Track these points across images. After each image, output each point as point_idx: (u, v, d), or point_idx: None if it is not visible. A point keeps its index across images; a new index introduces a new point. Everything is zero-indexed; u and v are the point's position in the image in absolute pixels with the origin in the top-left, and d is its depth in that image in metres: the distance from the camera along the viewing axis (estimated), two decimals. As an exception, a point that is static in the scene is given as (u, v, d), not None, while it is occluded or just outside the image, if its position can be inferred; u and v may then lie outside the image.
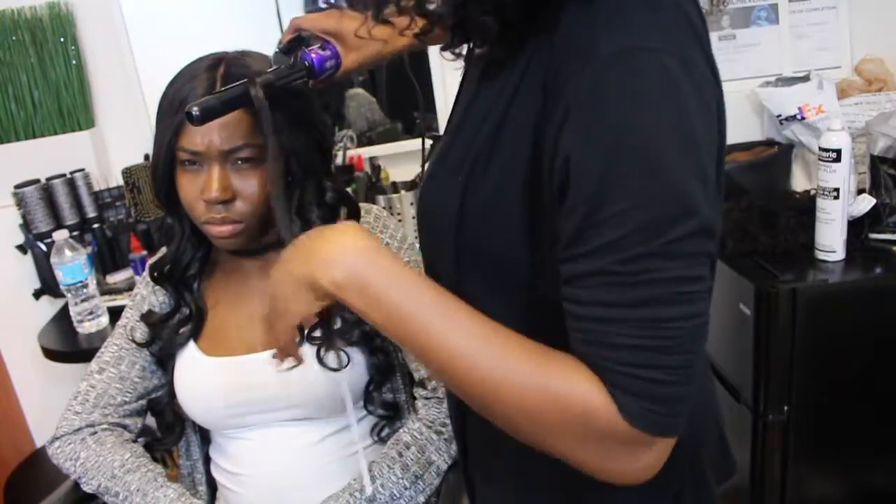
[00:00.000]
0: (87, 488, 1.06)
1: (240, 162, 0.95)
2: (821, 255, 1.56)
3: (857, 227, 1.60)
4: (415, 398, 1.11)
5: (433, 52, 1.90)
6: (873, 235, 1.62)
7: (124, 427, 1.11)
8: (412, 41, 0.75)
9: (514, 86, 0.62)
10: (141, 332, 1.10)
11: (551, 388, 0.57)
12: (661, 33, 0.56)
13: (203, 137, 0.93)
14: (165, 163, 0.97)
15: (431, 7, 0.62)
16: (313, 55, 0.91)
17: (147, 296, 1.12)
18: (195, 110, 0.80)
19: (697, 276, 0.56)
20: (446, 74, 1.94)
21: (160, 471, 1.08)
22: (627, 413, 0.56)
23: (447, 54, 0.69)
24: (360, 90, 2.07)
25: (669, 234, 0.54)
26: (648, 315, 0.55)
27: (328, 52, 0.92)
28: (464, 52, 0.70)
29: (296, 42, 0.93)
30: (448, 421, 1.04)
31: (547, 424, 0.58)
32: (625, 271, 0.54)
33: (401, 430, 1.07)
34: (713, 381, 0.92)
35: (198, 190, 0.96)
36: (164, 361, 1.11)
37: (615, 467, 0.59)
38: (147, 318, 1.10)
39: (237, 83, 0.86)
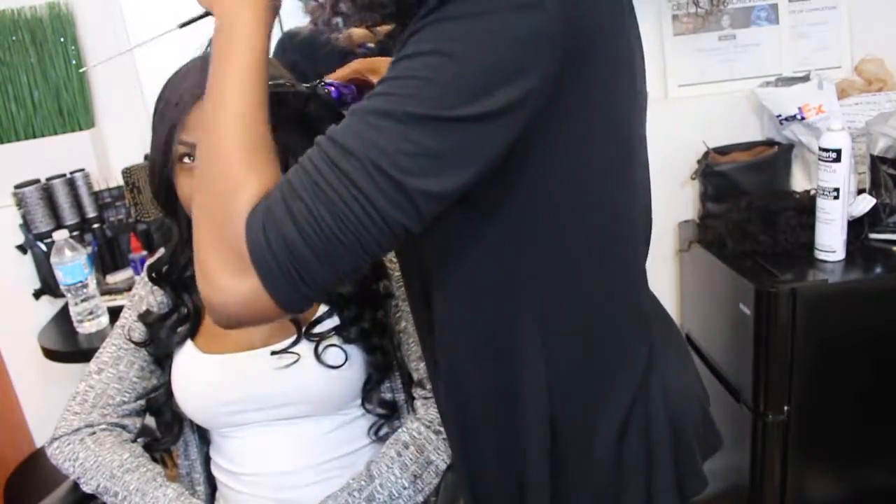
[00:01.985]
0: (86, 488, 1.06)
1: None
2: (821, 255, 1.56)
3: (857, 227, 1.60)
4: (413, 398, 1.11)
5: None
6: (873, 235, 1.62)
7: (123, 427, 1.11)
8: None
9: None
10: (139, 332, 1.10)
11: (241, 160, 0.61)
12: None
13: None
14: (163, 162, 0.97)
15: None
16: (334, 89, 0.94)
17: (145, 296, 1.12)
18: None
19: (401, 165, 0.56)
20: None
21: (159, 470, 1.08)
22: (250, 218, 0.58)
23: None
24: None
25: (418, 111, 0.55)
26: (333, 153, 0.57)
27: (346, 90, 0.95)
28: None
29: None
30: None
31: (210, 189, 0.62)
32: (360, 118, 0.57)
33: (399, 430, 1.07)
34: (693, 366, 0.93)
35: None
36: (162, 361, 1.11)
37: (212, 271, 0.60)
38: (145, 317, 1.10)
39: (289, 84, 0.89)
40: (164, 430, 1.13)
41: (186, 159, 0.96)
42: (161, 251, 1.13)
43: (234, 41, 0.65)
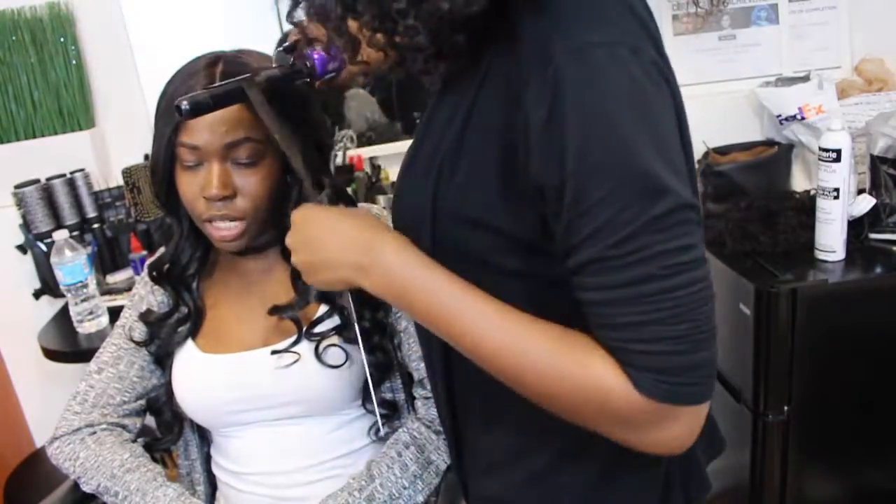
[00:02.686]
0: (86, 488, 1.06)
1: (240, 158, 0.95)
2: (821, 255, 1.56)
3: (857, 227, 1.60)
4: (414, 398, 1.11)
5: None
6: (873, 235, 1.62)
7: (123, 427, 1.11)
8: None
9: (475, 91, 0.65)
10: (139, 332, 1.10)
11: (566, 370, 0.62)
12: (610, 28, 0.59)
13: (203, 132, 0.93)
14: (165, 161, 0.97)
15: (403, 41, 0.62)
16: (315, 55, 0.91)
17: (145, 295, 1.12)
18: (185, 104, 0.79)
19: (685, 245, 0.59)
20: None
21: (159, 470, 1.07)
22: (643, 388, 0.59)
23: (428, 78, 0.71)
24: (360, 90, 2.07)
25: (650, 211, 0.57)
26: (645, 291, 0.58)
27: (332, 54, 0.92)
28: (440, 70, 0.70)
29: (300, 42, 0.92)
30: None
31: (569, 405, 0.63)
32: (616, 254, 0.58)
33: (400, 430, 1.07)
34: None
35: (198, 187, 0.96)
36: (163, 360, 1.11)
37: (647, 440, 0.62)
38: (145, 317, 1.10)
39: (232, 80, 0.86)
40: (165, 429, 1.13)
41: (188, 159, 0.96)
42: (162, 250, 1.14)
43: (420, 307, 0.67)
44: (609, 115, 0.57)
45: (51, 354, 1.71)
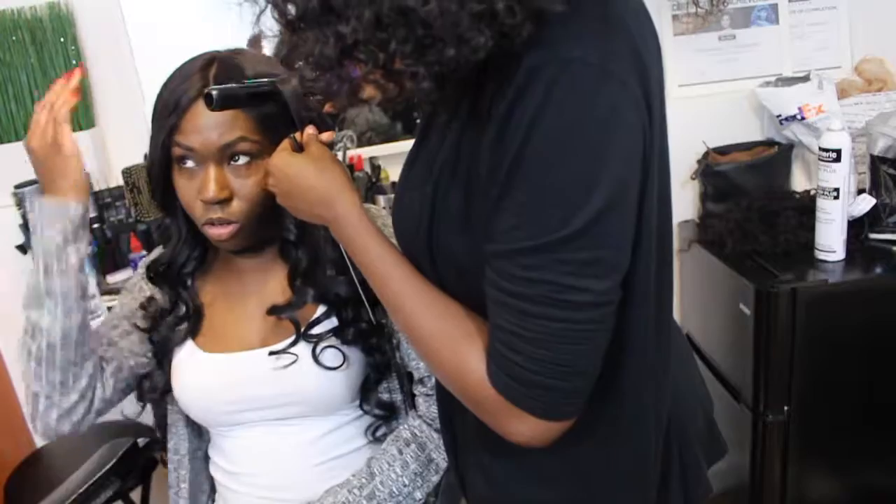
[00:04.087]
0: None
1: (237, 160, 0.95)
2: (821, 255, 1.56)
3: (857, 227, 1.60)
4: (413, 395, 1.11)
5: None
6: (873, 235, 1.62)
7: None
8: None
9: (470, 102, 0.65)
10: (142, 319, 1.10)
11: (446, 345, 0.68)
12: (590, 45, 0.57)
13: (199, 134, 0.93)
14: (162, 163, 0.97)
15: (408, 84, 0.61)
16: None
17: (144, 287, 1.12)
18: (214, 92, 0.77)
19: (580, 286, 0.59)
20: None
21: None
22: (492, 380, 0.64)
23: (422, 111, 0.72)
24: (360, 90, 2.07)
25: (553, 234, 0.58)
26: (521, 307, 0.61)
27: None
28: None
29: None
30: None
31: (444, 377, 0.70)
32: (510, 262, 0.60)
33: (401, 427, 1.07)
34: (695, 369, 0.94)
35: (195, 190, 0.96)
36: (161, 357, 1.10)
37: (500, 428, 0.67)
38: (147, 305, 1.09)
39: (264, 80, 0.85)
40: (161, 420, 1.13)
41: (185, 162, 0.96)
42: (159, 249, 1.13)
43: (358, 246, 0.74)
44: (555, 130, 0.57)
45: (51, 354, 1.71)
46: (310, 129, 0.83)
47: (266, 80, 0.86)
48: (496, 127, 0.59)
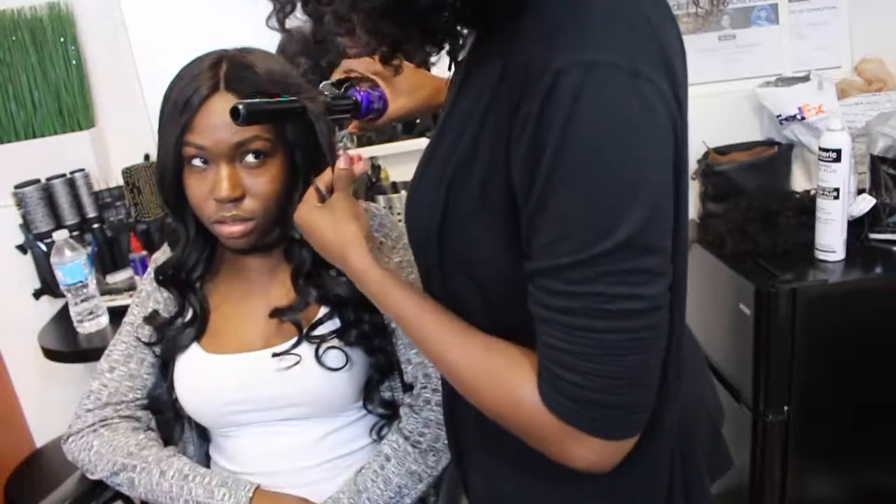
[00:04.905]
0: (98, 474, 1.07)
1: (250, 157, 0.95)
2: (821, 255, 1.56)
3: (857, 227, 1.60)
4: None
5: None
6: (873, 235, 1.62)
7: (136, 419, 1.12)
8: None
9: (489, 98, 0.64)
10: (147, 331, 1.10)
11: (491, 378, 0.65)
12: (616, 47, 0.56)
13: (211, 133, 0.93)
14: (173, 165, 0.96)
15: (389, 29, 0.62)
16: (362, 93, 0.91)
17: (151, 292, 1.12)
18: (241, 107, 0.77)
19: (628, 294, 0.57)
20: (447, 76, 1.94)
21: (174, 448, 1.10)
22: (548, 403, 0.61)
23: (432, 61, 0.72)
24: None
25: (597, 247, 0.56)
26: (570, 322, 0.58)
27: (376, 94, 0.93)
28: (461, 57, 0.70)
29: (344, 81, 0.93)
30: (426, 430, 1.05)
31: (493, 410, 0.67)
32: (554, 278, 0.58)
33: (383, 442, 1.08)
34: (706, 381, 0.93)
35: (207, 190, 0.95)
36: (167, 362, 1.11)
37: (556, 454, 0.64)
38: (151, 320, 1.10)
39: (292, 97, 0.84)
40: (166, 428, 1.13)
41: (196, 161, 0.96)
42: (164, 249, 1.14)
43: (388, 297, 0.74)
44: (586, 140, 0.55)
45: (51, 354, 1.71)
46: (341, 165, 0.85)
47: (294, 98, 0.84)
48: (528, 137, 0.57)
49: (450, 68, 0.74)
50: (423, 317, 0.71)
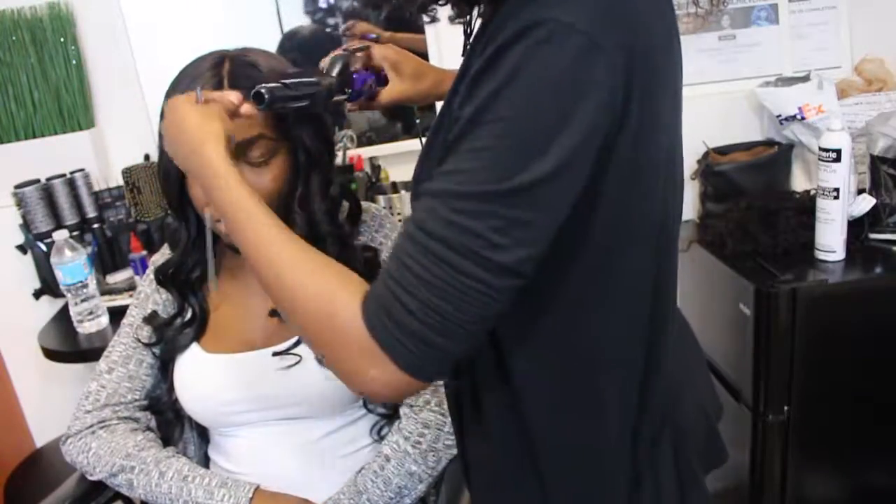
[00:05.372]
0: (97, 475, 1.07)
1: (253, 157, 0.95)
2: (821, 255, 1.56)
3: (857, 227, 1.60)
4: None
5: (433, 52, 1.90)
6: (873, 235, 1.62)
7: (135, 420, 1.12)
8: None
9: (463, 68, 0.66)
10: (146, 332, 1.10)
11: (318, 276, 0.65)
12: (583, 9, 0.57)
13: None
14: (176, 165, 0.96)
15: None
16: (354, 74, 0.91)
17: (150, 294, 1.12)
18: (264, 90, 0.76)
19: (501, 244, 0.58)
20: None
21: (173, 449, 1.10)
22: (367, 317, 0.60)
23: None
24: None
25: (494, 185, 0.57)
26: (436, 250, 0.58)
27: (371, 78, 0.93)
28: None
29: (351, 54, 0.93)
30: (425, 431, 1.05)
31: (302, 305, 0.65)
32: (444, 203, 0.59)
33: (384, 441, 1.08)
34: (702, 376, 0.94)
35: None
36: (166, 362, 1.11)
37: (345, 369, 0.63)
38: (151, 320, 1.10)
39: (306, 80, 0.84)
40: (166, 428, 1.13)
41: None
42: (164, 250, 1.14)
43: (225, 190, 0.73)
44: (529, 88, 0.57)
45: (51, 354, 1.71)
46: (231, 96, 0.83)
47: (311, 80, 0.84)
48: (478, 68, 0.59)
49: (463, 53, 0.75)
50: (261, 218, 0.70)
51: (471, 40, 0.73)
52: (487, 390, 0.76)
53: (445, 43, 1.89)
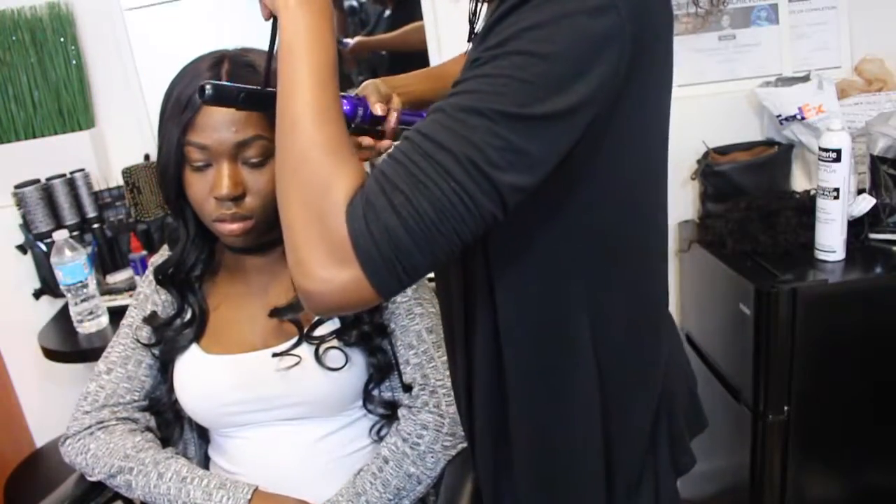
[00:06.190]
0: (96, 476, 1.07)
1: (250, 157, 0.95)
2: (821, 255, 1.55)
3: (857, 227, 1.60)
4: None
5: (434, 52, 1.90)
6: (873, 235, 1.62)
7: (134, 421, 1.12)
8: None
9: None
10: (146, 333, 1.10)
11: (333, 162, 0.62)
12: None
13: (213, 132, 0.93)
14: (174, 163, 0.97)
15: None
16: (345, 101, 0.87)
17: (150, 294, 1.12)
18: (209, 88, 0.75)
19: (497, 163, 0.59)
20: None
21: (171, 450, 1.10)
22: (350, 211, 0.59)
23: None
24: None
25: (502, 107, 0.58)
26: (435, 155, 0.59)
27: (359, 104, 0.87)
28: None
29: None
30: (424, 432, 1.06)
31: (302, 187, 0.63)
32: (449, 113, 0.60)
33: (382, 443, 1.08)
34: (679, 340, 0.96)
35: (207, 188, 0.96)
36: (166, 363, 1.11)
37: (310, 263, 0.60)
38: (151, 321, 1.10)
39: (268, 90, 0.81)
40: (165, 429, 1.13)
41: (197, 160, 0.96)
42: (164, 250, 1.14)
43: (304, 41, 0.67)
44: (550, 31, 0.59)
45: (51, 354, 1.71)
46: None
47: (270, 90, 0.83)
48: (500, 11, 0.61)
49: (469, 39, 0.77)
50: (306, 60, 0.67)
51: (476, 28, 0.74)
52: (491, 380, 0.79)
53: (445, 39, 1.89)
